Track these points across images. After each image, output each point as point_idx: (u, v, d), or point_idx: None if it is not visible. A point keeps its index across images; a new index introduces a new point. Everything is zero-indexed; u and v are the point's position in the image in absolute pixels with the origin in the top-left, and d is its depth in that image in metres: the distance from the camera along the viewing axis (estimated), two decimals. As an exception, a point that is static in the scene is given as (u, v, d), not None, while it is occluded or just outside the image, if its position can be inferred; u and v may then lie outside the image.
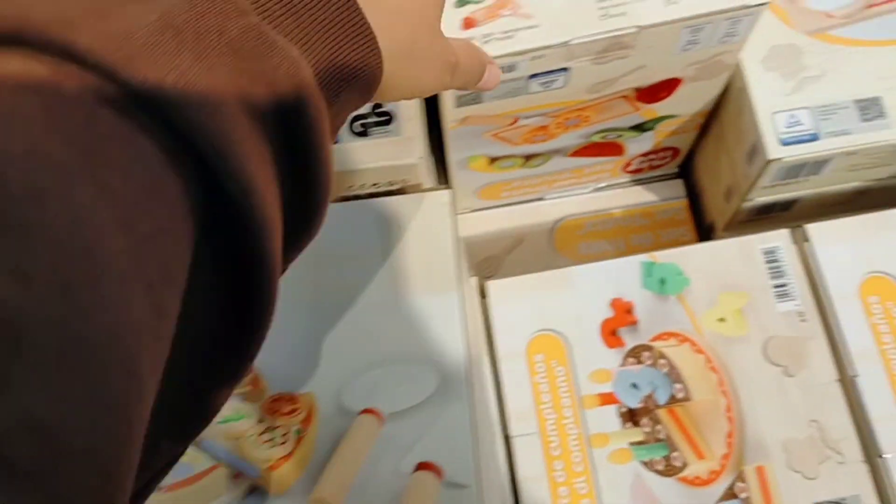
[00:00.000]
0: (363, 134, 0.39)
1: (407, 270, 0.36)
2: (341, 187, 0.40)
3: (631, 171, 0.65)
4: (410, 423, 0.33)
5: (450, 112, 0.46)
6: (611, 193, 0.67)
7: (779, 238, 0.49)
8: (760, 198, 0.56)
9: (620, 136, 0.58)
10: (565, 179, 0.63)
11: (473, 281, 0.49)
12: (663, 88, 0.51)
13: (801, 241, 0.49)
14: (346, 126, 0.40)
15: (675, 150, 0.63)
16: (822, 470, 0.44)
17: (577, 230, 0.66)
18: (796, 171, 0.53)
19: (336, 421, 0.34)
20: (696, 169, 0.66)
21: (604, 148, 0.59)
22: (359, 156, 0.39)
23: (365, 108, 0.40)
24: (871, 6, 0.54)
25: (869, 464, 0.44)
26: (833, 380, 0.46)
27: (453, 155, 0.55)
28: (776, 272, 0.48)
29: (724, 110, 0.57)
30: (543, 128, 0.52)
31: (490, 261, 0.65)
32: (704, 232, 0.65)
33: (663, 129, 0.58)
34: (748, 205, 0.57)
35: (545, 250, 0.65)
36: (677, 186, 0.66)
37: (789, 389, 0.46)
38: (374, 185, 0.40)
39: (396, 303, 0.35)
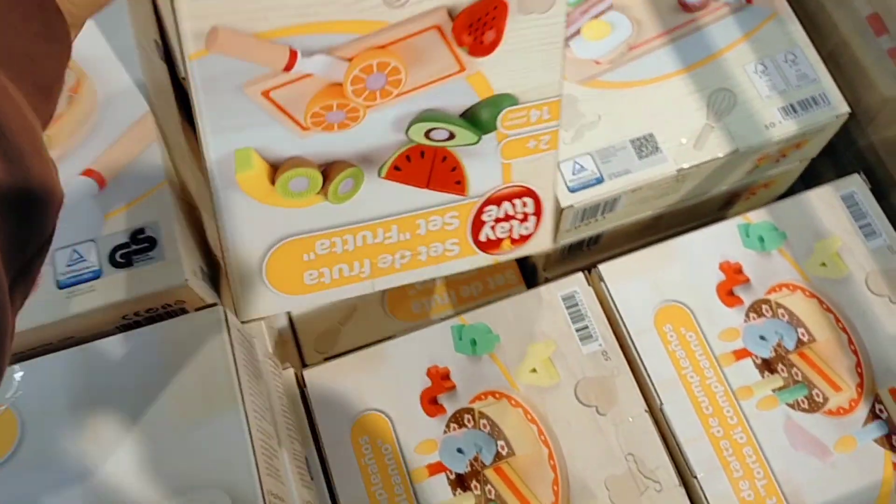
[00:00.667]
0: (127, 264, 0.39)
1: (186, 396, 0.35)
2: (115, 319, 0.39)
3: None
4: (207, 552, 0.33)
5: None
6: (436, 249, 0.68)
7: (575, 283, 0.51)
8: (566, 240, 0.59)
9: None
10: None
11: (289, 373, 0.49)
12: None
13: (596, 282, 0.51)
14: (105, 258, 0.39)
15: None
16: (643, 501, 0.46)
17: (409, 289, 0.67)
18: (592, 211, 0.55)
19: (130, 563, 0.33)
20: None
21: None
22: (125, 286, 0.38)
23: (125, 237, 0.39)
24: (632, 48, 0.57)
25: (685, 486, 0.47)
26: (642, 411, 0.48)
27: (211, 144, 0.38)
28: (577, 316, 0.50)
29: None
30: (338, 88, 0.37)
31: (326, 335, 0.65)
32: (529, 273, 0.68)
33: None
34: (556, 246, 0.59)
35: (379, 315, 0.66)
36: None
37: (604, 428, 0.48)
38: (149, 310, 0.39)
39: (182, 431, 0.35)
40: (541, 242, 0.47)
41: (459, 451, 0.47)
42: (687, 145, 0.54)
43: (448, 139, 0.41)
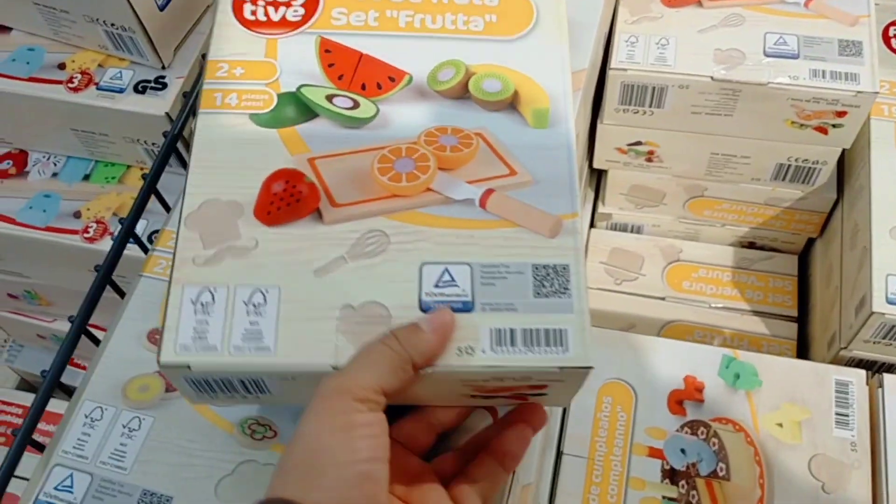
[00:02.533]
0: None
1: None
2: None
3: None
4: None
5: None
6: (725, 314, 0.73)
7: (854, 375, 0.54)
8: (858, 351, 0.61)
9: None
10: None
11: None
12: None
13: (874, 385, 0.53)
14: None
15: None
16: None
17: (686, 335, 0.72)
18: (896, 332, 0.57)
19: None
20: (811, 319, 0.71)
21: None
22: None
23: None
24: None
25: None
26: (866, 505, 0.49)
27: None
28: (842, 402, 0.53)
29: (848, 267, 0.63)
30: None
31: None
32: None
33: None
34: (846, 354, 0.61)
35: (650, 342, 0.72)
36: (790, 328, 0.71)
37: (822, 503, 0.50)
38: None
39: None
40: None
41: (682, 451, 0.52)
42: None
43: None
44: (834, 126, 0.61)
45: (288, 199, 0.40)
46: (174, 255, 0.38)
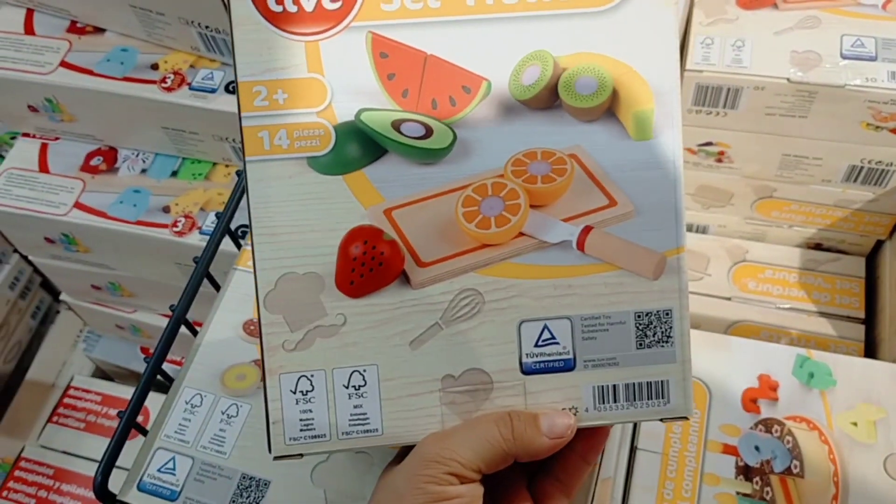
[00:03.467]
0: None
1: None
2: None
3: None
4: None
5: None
6: (792, 315, 0.73)
7: (931, 376, 0.54)
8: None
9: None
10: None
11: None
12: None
13: (952, 386, 0.54)
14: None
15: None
16: (905, 580, 0.48)
17: (752, 335, 0.73)
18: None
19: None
20: (879, 321, 0.71)
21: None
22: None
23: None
24: None
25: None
26: (942, 510, 0.50)
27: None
28: (919, 403, 0.53)
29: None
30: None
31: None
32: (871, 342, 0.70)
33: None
34: (917, 357, 0.62)
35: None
36: (857, 330, 0.72)
37: (897, 503, 0.50)
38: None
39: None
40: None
41: (757, 448, 0.53)
42: None
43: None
44: (910, 128, 0.61)
45: (370, 264, 0.36)
46: (261, 340, 0.37)
